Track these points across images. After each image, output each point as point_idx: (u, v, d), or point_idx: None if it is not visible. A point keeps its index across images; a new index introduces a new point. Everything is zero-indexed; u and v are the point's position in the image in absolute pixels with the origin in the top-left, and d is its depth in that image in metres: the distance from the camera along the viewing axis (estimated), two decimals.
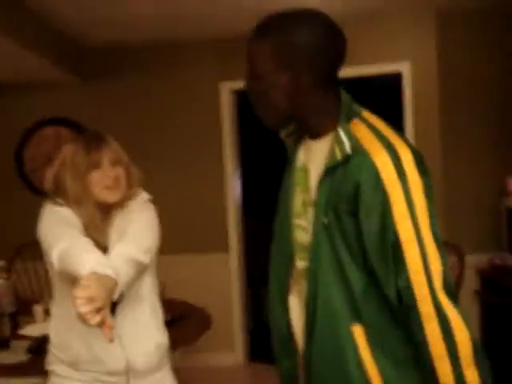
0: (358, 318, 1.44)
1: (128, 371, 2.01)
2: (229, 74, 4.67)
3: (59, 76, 4.57)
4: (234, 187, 4.82)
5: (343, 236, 1.43)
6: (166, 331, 2.15)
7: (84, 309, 1.44)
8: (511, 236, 3.73)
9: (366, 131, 1.44)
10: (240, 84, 4.55)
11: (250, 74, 1.48)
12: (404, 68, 4.32)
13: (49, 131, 4.89)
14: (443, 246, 1.40)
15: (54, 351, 2.07)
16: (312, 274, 1.49)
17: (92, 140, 2.00)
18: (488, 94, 4.26)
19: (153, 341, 2.07)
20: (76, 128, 4.79)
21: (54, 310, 2.09)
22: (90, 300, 1.45)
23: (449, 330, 1.34)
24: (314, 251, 1.48)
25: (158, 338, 2.10)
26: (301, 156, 1.59)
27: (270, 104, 1.46)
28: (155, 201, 2.13)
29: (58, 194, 2.01)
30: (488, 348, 1.59)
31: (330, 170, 1.44)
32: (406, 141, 1.43)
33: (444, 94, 4.27)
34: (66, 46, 4.51)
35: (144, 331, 2.05)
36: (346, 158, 1.41)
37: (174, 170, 4.80)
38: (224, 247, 4.83)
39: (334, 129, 1.46)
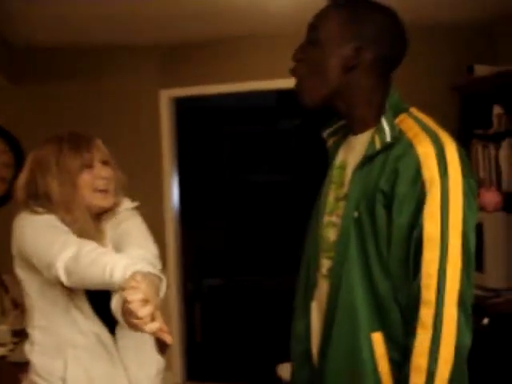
0: (379, 324, 1.35)
1: None
2: (169, 81, 4.53)
3: None
4: (172, 197, 4.64)
5: (373, 231, 1.34)
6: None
7: (143, 312, 1.30)
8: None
9: (412, 124, 1.38)
10: (180, 91, 4.62)
11: (308, 40, 1.43)
12: None
13: None
14: (473, 260, 1.30)
15: (39, 381, 1.80)
16: (336, 273, 1.39)
17: (81, 139, 1.82)
18: (426, 109, 4.27)
19: (154, 365, 1.90)
20: (3, 134, 4.48)
21: (37, 333, 1.82)
22: (146, 302, 1.32)
23: (437, 344, 1.25)
24: (340, 247, 1.39)
25: (159, 361, 1.93)
26: (340, 155, 1.53)
27: (321, 75, 1.41)
28: None
29: (36, 201, 1.78)
30: None
31: (367, 160, 1.37)
32: (453, 139, 1.36)
33: None
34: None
35: (146, 355, 1.88)
36: (386, 147, 1.34)
37: None
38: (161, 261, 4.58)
39: (378, 122, 1.38)
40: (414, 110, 1.44)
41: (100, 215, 1.86)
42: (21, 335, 2.76)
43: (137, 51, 4.54)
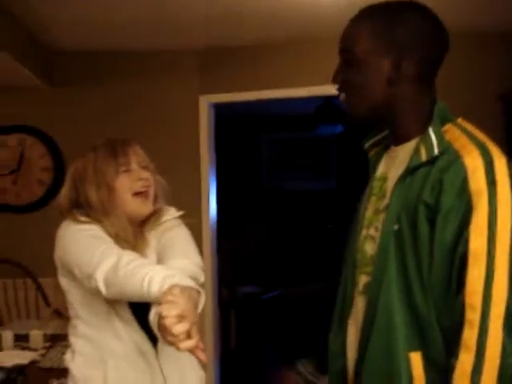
0: (418, 344, 1.27)
1: None
2: (209, 86, 4.50)
3: (27, 81, 4.26)
4: (210, 204, 4.60)
5: (415, 245, 1.27)
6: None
7: (178, 329, 1.25)
8: None
9: (459, 134, 1.31)
10: (219, 97, 4.60)
11: (343, 63, 1.39)
12: None
13: (12, 139, 4.55)
14: None
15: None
16: (373, 289, 1.33)
17: (117, 144, 1.83)
18: (473, 118, 4.16)
19: (196, 379, 1.87)
20: (43, 138, 4.51)
21: (80, 343, 1.81)
22: (182, 318, 1.27)
23: (480, 367, 1.17)
24: (379, 262, 1.32)
25: (201, 373, 1.90)
26: (382, 167, 1.47)
27: (365, 93, 1.36)
28: None
29: (79, 210, 1.79)
30: None
31: (411, 171, 1.30)
32: (502, 152, 1.29)
33: None
34: (37, 49, 4.23)
35: (187, 368, 1.84)
36: (433, 160, 1.27)
37: None
38: None
39: (423, 133, 1.32)
40: (461, 121, 1.38)
41: (143, 223, 1.84)
42: (53, 340, 2.75)
43: (176, 56, 4.52)
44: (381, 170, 1.47)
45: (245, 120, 7.35)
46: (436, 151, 1.28)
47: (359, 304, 1.40)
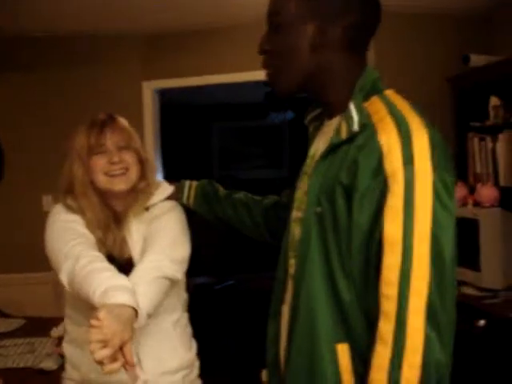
0: (344, 335, 1.18)
1: None
2: (152, 72, 4.38)
3: None
4: None
5: (335, 229, 1.17)
6: (193, 349, 1.94)
7: (99, 355, 1.25)
8: None
9: (381, 107, 1.20)
10: (162, 83, 4.47)
11: (270, 28, 1.32)
12: None
13: None
14: (449, 268, 1.11)
15: (68, 368, 1.88)
16: (298, 275, 1.24)
17: (95, 123, 1.79)
18: (421, 100, 4.12)
19: (176, 360, 1.82)
20: None
21: (69, 327, 1.87)
22: (104, 342, 1.26)
23: (398, 362, 1.08)
24: (302, 246, 1.23)
25: (183, 356, 1.85)
26: (315, 143, 1.37)
27: (291, 60, 1.27)
28: None
29: (72, 190, 1.78)
30: None
31: (332, 150, 1.21)
32: (428, 125, 1.17)
33: None
34: None
35: (167, 349, 1.81)
36: (352, 136, 1.17)
37: None
38: None
39: None
40: (389, 93, 1.26)
41: (128, 206, 1.79)
42: None
43: (119, 41, 4.39)
44: (313, 146, 1.38)
45: (196, 109, 7.23)
46: (356, 127, 1.18)
47: (291, 289, 1.32)
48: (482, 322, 2.96)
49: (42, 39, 4.35)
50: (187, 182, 1.88)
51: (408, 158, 1.11)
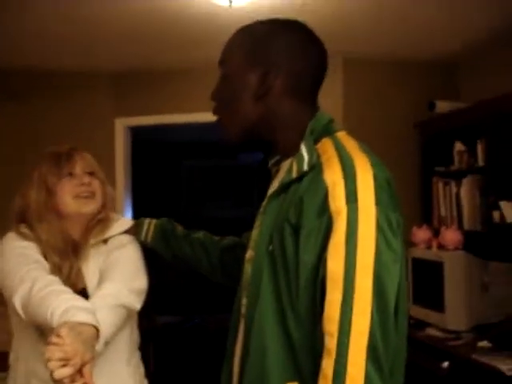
0: (295, 373, 1.16)
1: None
2: (124, 110, 4.42)
3: None
4: None
5: (285, 267, 1.17)
6: None
7: (59, 374, 1.20)
8: (416, 287, 3.65)
9: (330, 147, 1.22)
10: (135, 121, 4.50)
11: (220, 76, 1.36)
12: None
13: None
14: (390, 308, 1.11)
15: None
16: (249, 315, 1.23)
17: (63, 150, 1.80)
18: (388, 145, 4.21)
19: None
20: None
21: (12, 358, 1.80)
22: (65, 360, 1.21)
23: None
24: (253, 285, 1.23)
25: None
26: (273, 183, 1.37)
27: (237, 109, 1.30)
28: None
29: (24, 218, 1.76)
30: None
31: (283, 189, 1.23)
32: (375, 164, 1.19)
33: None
34: None
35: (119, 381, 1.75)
36: (302, 176, 1.19)
37: None
38: None
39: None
40: (340, 134, 1.28)
41: (87, 233, 1.77)
42: None
43: (92, 78, 4.42)
44: (271, 187, 1.39)
45: (167, 146, 7.26)
46: (305, 167, 1.20)
47: (242, 328, 1.31)
48: (445, 364, 2.99)
49: (16, 72, 4.36)
50: (147, 220, 1.88)
51: (351, 195, 1.12)
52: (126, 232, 1.84)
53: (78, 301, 1.44)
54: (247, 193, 7.48)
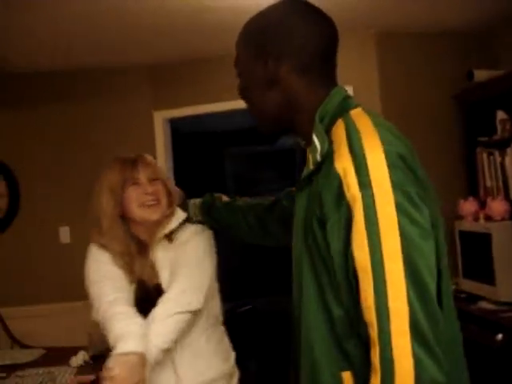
0: (345, 361, 1.15)
1: None
2: (163, 102, 4.45)
3: None
4: None
5: (321, 258, 1.16)
6: (230, 360, 2.05)
7: None
8: (465, 261, 3.60)
9: (341, 131, 1.18)
10: (173, 113, 4.54)
11: (237, 74, 1.36)
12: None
13: None
14: (428, 285, 1.07)
15: None
16: (295, 306, 1.25)
17: (127, 159, 1.93)
18: (429, 119, 4.15)
19: (212, 371, 1.95)
20: None
21: None
22: (114, 380, 1.54)
23: None
24: (296, 277, 1.24)
25: (219, 367, 1.97)
26: (307, 166, 1.34)
27: (256, 104, 1.32)
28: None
29: (98, 225, 1.93)
30: None
31: (306, 181, 1.23)
32: (385, 139, 1.14)
33: (387, 119, 4.13)
34: None
35: (201, 362, 1.93)
36: (319, 166, 1.18)
37: None
38: None
39: None
40: (353, 112, 1.23)
41: (151, 234, 1.92)
42: (8, 370, 2.62)
43: (128, 73, 4.48)
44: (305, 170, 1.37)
45: (208, 136, 7.30)
46: (319, 158, 1.18)
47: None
48: (499, 336, 2.96)
49: (53, 74, 4.44)
50: (191, 200, 2.02)
51: (364, 180, 1.08)
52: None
53: (136, 326, 1.71)
54: (291, 175, 7.48)
